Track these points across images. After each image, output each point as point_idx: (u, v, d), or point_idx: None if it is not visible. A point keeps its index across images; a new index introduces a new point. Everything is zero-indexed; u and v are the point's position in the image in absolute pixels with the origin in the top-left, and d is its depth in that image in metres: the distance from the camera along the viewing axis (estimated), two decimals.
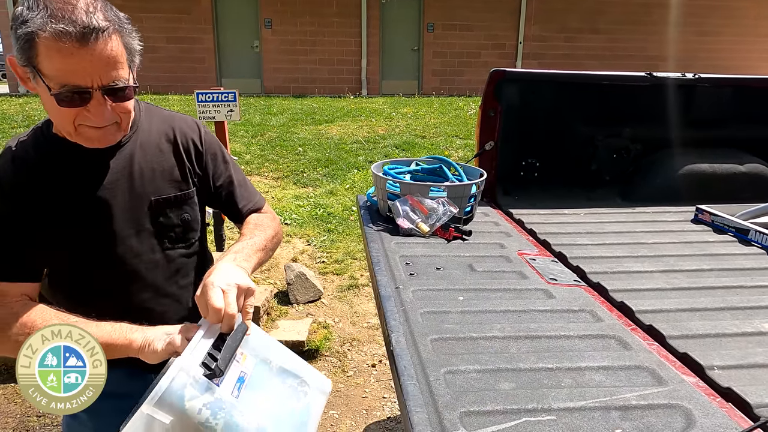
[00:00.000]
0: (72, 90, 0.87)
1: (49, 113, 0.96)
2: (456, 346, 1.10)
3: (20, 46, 0.86)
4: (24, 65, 0.88)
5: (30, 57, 0.86)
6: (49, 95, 0.88)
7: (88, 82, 0.87)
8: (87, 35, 0.84)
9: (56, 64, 0.85)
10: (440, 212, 1.77)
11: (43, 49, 0.84)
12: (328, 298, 3.56)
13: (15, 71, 0.91)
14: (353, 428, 2.49)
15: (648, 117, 2.46)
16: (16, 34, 0.86)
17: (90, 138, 0.96)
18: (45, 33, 0.83)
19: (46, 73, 0.86)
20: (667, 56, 12.49)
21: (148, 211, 1.10)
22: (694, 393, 0.96)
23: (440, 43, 12.33)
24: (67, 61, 0.84)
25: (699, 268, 1.60)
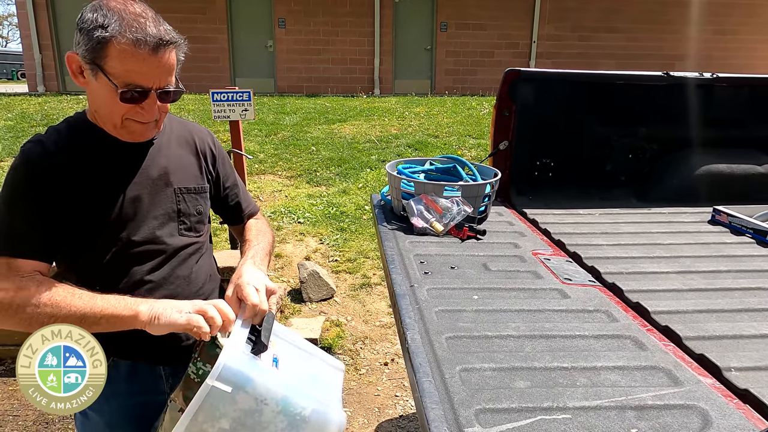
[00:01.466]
0: (136, 89, 1.01)
1: (99, 106, 1.06)
2: (471, 345, 1.11)
3: (91, 46, 0.97)
4: (88, 62, 1.00)
5: (97, 57, 0.98)
6: (106, 90, 1.00)
7: (150, 83, 1.02)
8: (159, 46, 0.99)
9: (128, 66, 0.98)
10: (454, 211, 1.78)
11: (115, 52, 0.97)
12: (341, 296, 3.58)
13: (70, 66, 1.03)
14: (365, 426, 2.51)
15: (664, 117, 2.44)
16: (88, 35, 0.97)
17: (133, 131, 1.09)
18: (123, 39, 0.96)
19: (112, 72, 0.99)
20: (684, 55, 12.33)
21: (172, 198, 1.19)
22: (710, 394, 0.95)
23: (453, 43, 12.29)
24: (139, 65, 0.99)
25: (716, 269, 1.59)
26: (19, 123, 7.36)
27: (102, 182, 1.10)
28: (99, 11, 0.99)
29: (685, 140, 2.43)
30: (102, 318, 0.97)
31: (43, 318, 0.95)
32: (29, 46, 11.47)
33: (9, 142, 6.37)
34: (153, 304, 1.00)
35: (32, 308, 0.96)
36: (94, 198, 1.09)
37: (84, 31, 0.98)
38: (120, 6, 1.00)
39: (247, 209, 1.40)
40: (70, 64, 1.03)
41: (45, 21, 11.40)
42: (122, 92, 1.00)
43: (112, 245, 1.11)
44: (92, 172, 1.09)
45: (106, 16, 0.97)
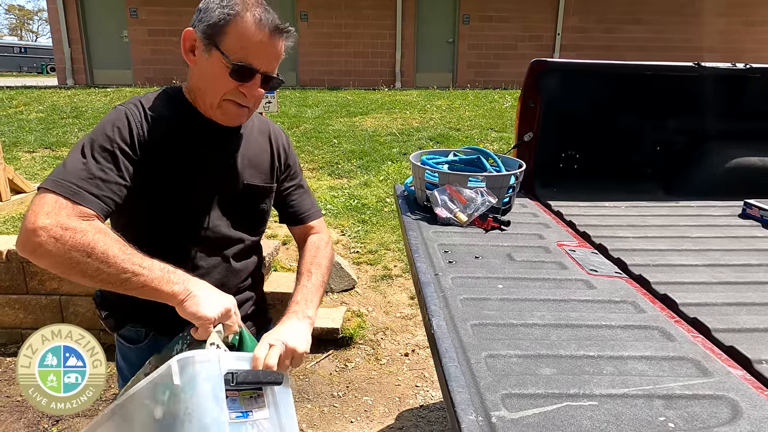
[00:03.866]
0: (247, 67, 1.05)
1: (204, 83, 1.10)
2: (496, 332, 1.11)
3: (214, 22, 1.04)
4: (204, 38, 1.05)
5: (216, 33, 1.04)
6: (217, 67, 1.05)
7: (260, 65, 1.06)
8: (278, 31, 1.05)
9: (244, 44, 1.04)
10: (478, 202, 1.78)
11: (235, 30, 1.03)
12: (362, 287, 3.60)
13: (184, 43, 1.09)
14: (386, 414, 2.53)
15: (694, 108, 2.39)
16: (213, 13, 1.04)
17: (228, 112, 1.11)
18: (246, 19, 1.03)
19: (227, 49, 1.04)
20: (713, 47, 11.98)
21: (238, 192, 1.21)
22: (741, 385, 0.94)
23: (476, 35, 12.18)
24: (255, 45, 1.04)
25: (747, 262, 1.56)
26: (50, 115, 7.55)
27: (184, 158, 1.13)
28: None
29: (716, 132, 2.38)
30: (144, 287, 0.94)
31: (89, 269, 0.90)
32: (59, 41, 11.74)
33: (41, 134, 6.54)
34: (191, 289, 0.97)
35: (82, 255, 0.89)
36: (173, 170, 1.11)
37: (207, 10, 1.05)
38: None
39: (309, 212, 1.36)
40: (185, 41, 1.08)
41: (74, 16, 11.65)
42: (234, 66, 1.04)
43: (173, 220, 1.15)
44: (178, 145, 1.12)
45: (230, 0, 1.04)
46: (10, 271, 2.98)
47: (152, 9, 11.64)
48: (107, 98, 8.88)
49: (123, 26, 11.86)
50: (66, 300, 3.00)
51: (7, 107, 8.13)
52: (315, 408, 2.56)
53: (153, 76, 11.47)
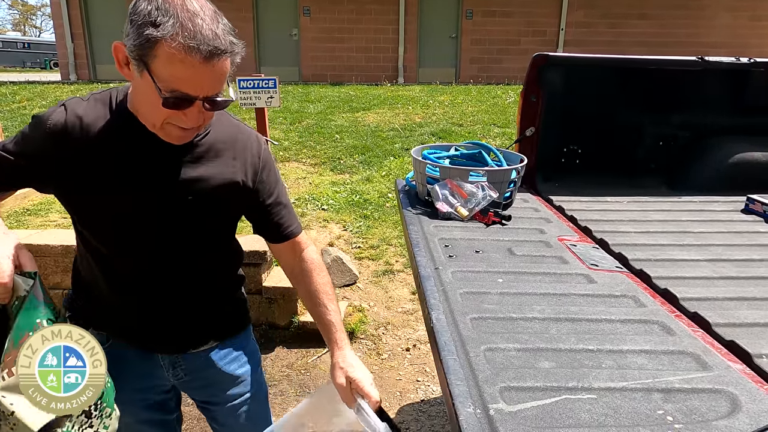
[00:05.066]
0: (181, 97, 0.91)
1: (141, 103, 0.99)
2: (495, 326, 1.11)
3: (139, 43, 0.88)
4: (135, 59, 0.91)
5: (145, 55, 0.89)
6: (149, 91, 0.92)
7: (197, 92, 0.92)
8: (213, 55, 0.89)
9: (175, 72, 0.89)
10: (479, 197, 1.77)
11: (164, 55, 0.87)
12: (364, 282, 3.60)
13: (116, 56, 0.95)
14: (387, 409, 2.52)
15: (698, 103, 2.37)
16: (138, 30, 0.88)
17: (172, 135, 1.00)
18: (174, 43, 0.86)
19: (158, 74, 0.90)
20: (719, 43, 11.91)
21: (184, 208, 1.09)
22: (740, 379, 0.94)
23: (479, 30, 12.12)
24: (187, 72, 0.89)
25: (748, 258, 1.55)
26: None
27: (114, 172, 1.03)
28: (154, 2, 0.88)
29: (719, 127, 2.37)
30: None
31: None
32: (62, 36, 11.74)
33: None
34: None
35: None
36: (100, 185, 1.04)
37: (134, 24, 0.89)
38: (178, 1, 0.88)
39: (288, 229, 1.22)
40: (117, 54, 0.95)
41: (77, 11, 11.65)
42: (165, 98, 0.91)
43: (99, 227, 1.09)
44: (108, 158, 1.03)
45: (160, 11, 0.87)
46: None
47: None
48: None
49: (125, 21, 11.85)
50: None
51: (11, 102, 8.15)
52: None
53: None
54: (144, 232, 1.09)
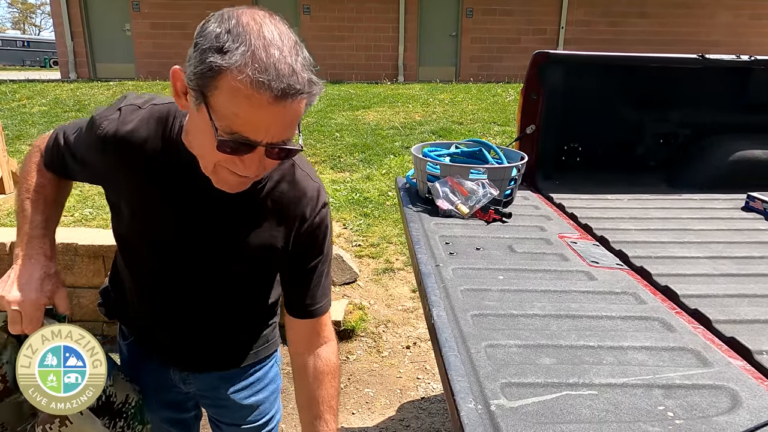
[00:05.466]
0: (240, 141, 0.76)
1: (195, 139, 0.86)
2: (496, 322, 1.11)
3: (201, 71, 0.74)
4: (193, 89, 0.76)
5: (205, 86, 0.74)
6: (205, 128, 0.77)
7: (261, 137, 0.76)
8: (286, 95, 0.73)
9: (237, 111, 0.73)
10: (480, 194, 1.77)
11: (228, 88, 0.72)
12: (364, 280, 3.60)
13: (174, 83, 0.81)
14: (387, 406, 2.54)
15: (698, 101, 2.38)
16: (202, 56, 0.74)
17: (224, 181, 0.85)
18: (241, 75, 0.71)
19: (217, 110, 0.74)
20: (720, 41, 11.90)
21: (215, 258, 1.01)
22: (740, 375, 0.94)
23: (479, 29, 12.11)
24: (252, 112, 0.73)
25: (749, 255, 1.56)
26: (52, 108, 7.56)
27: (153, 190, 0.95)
28: (225, 25, 0.74)
29: (720, 125, 2.37)
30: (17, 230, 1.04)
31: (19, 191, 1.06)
32: (61, 34, 11.73)
33: (43, 127, 6.55)
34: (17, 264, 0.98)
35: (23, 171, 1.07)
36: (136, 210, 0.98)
37: (199, 48, 0.75)
38: (254, 26, 0.74)
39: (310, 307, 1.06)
40: (174, 81, 0.81)
41: (77, 9, 11.64)
42: (221, 141, 0.75)
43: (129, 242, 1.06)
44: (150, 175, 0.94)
45: (230, 35, 0.73)
46: None
47: (154, 2, 11.61)
48: (110, 92, 8.88)
49: (125, 20, 11.85)
50: (70, 292, 2.98)
51: (10, 101, 8.14)
52: None
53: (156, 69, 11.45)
54: (171, 267, 1.03)
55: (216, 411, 1.28)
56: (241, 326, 1.18)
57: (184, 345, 1.15)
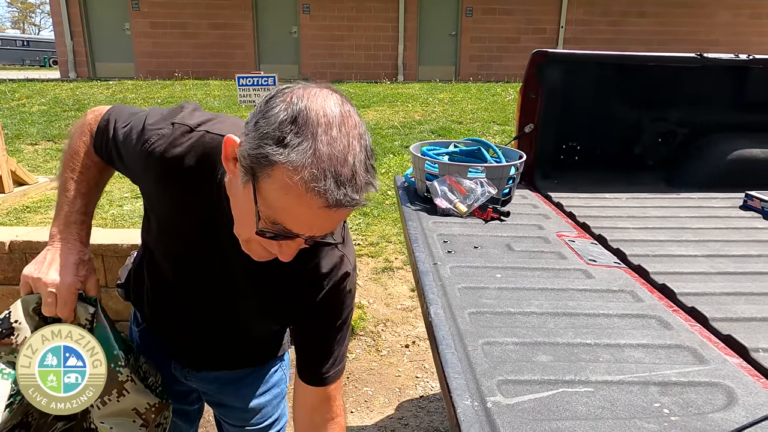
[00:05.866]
0: (282, 233, 0.73)
1: (236, 208, 0.81)
2: (493, 320, 1.12)
3: (256, 155, 0.68)
4: (244, 167, 0.71)
5: (257, 170, 0.69)
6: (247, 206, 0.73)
7: (304, 231, 0.73)
8: (340, 205, 0.68)
9: (286, 206, 0.69)
10: (478, 193, 1.78)
11: (281, 182, 0.67)
12: (363, 279, 3.61)
13: (225, 148, 0.75)
14: (386, 405, 2.54)
15: (697, 100, 2.38)
16: (260, 140, 0.68)
17: (253, 252, 0.82)
18: (298, 177, 0.65)
19: (265, 197, 0.70)
20: (719, 41, 11.91)
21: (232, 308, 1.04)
22: (737, 373, 0.95)
23: (479, 28, 12.11)
24: (302, 211, 0.69)
25: (746, 253, 1.56)
26: (52, 108, 7.56)
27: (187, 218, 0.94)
28: (291, 110, 0.68)
29: (718, 124, 2.37)
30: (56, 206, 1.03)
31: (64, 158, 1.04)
32: (61, 33, 11.73)
33: (43, 126, 6.55)
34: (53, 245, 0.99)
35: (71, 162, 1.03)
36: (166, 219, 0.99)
37: (259, 129, 0.68)
38: (324, 121, 0.67)
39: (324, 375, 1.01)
40: (226, 147, 0.75)
41: (76, 9, 11.64)
42: (261, 230, 0.73)
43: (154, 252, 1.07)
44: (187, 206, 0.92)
45: (295, 125, 0.67)
46: (12, 262, 3.00)
47: (154, 1, 11.61)
48: (109, 91, 8.88)
49: (125, 19, 11.85)
50: None
51: (10, 100, 8.14)
52: None
53: (155, 69, 11.47)
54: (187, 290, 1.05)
55: (219, 410, 1.29)
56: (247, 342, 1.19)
57: (187, 347, 1.16)
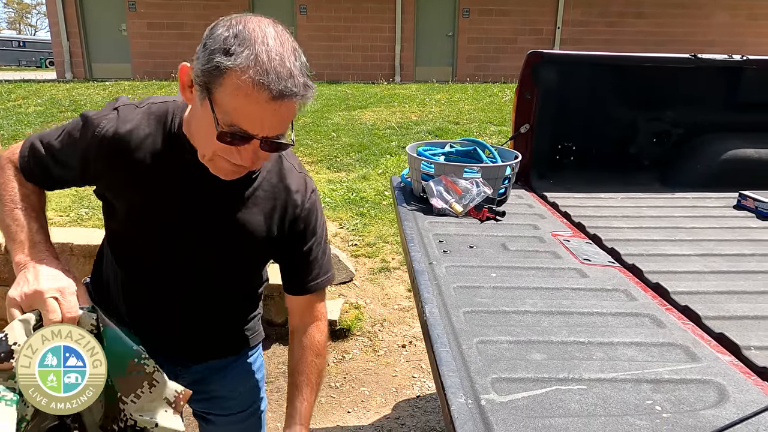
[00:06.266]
0: (239, 133, 0.85)
1: (196, 131, 0.95)
2: (488, 319, 1.12)
3: (208, 69, 0.83)
4: (199, 84, 0.86)
5: (210, 82, 0.84)
6: (207, 121, 0.86)
7: (257, 130, 0.85)
8: (283, 95, 0.82)
9: (238, 106, 0.83)
10: (474, 193, 1.78)
11: (231, 86, 0.82)
12: (360, 279, 3.61)
13: (181, 77, 0.90)
14: (383, 405, 2.55)
15: (691, 100, 2.39)
16: (210, 55, 0.83)
17: (220, 169, 0.94)
18: (245, 76, 0.80)
19: (220, 104, 0.84)
20: (716, 41, 11.95)
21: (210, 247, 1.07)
22: (728, 370, 0.96)
23: (475, 29, 12.13)
24: (252, 108, 0.83)
25: (740, 252, 1.57)
26: (48, 109, 7.54)
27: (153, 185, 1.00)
28: (233, 29, 0.83)
29: (712, 124, 2.39)
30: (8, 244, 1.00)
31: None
32: (57, 34, 11.70)
33: (39, 127, 6.54)
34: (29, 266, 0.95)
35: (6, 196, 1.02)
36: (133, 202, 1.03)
37: (207, 48, 0.84)
38: (259, 32, 0.84)
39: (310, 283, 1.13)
40: (181, 75, 0.90)
41: (72, 9, 11.61)
42: (221, 132, 0.85)
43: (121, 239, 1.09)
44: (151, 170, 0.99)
45: (237, 39, 0.82)
46: (9, 263, 3.00)
47: (151, 2, 11.60)
48: (106, 92, 8.86)
49: (121, 20, 11.82)
50: None
51: (6, 101, 8.12)
52: None
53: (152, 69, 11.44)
54: (167, 254, 1.07)
55: (204, 404, 1.31)
56: (228, 316, 1.22)
57: (171, 338, 1.17)
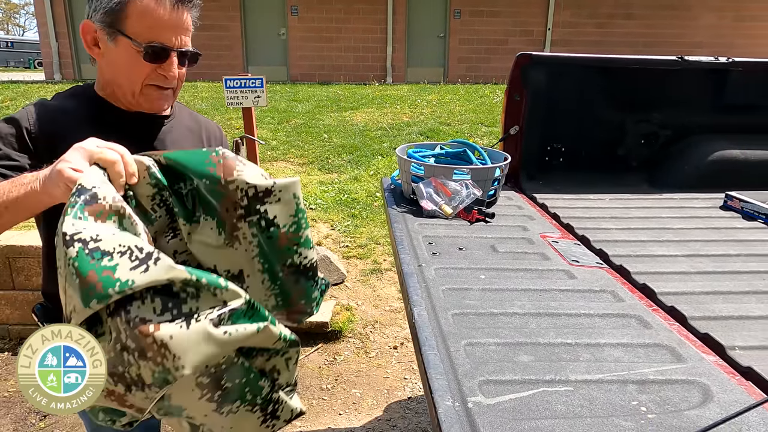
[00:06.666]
0: (159, 46, 1.02)
1: (118, 73, 1.07)
2: (476, 321, 1.13)
3: (109, 9, 0.99)
4: (106, 27, 1.01)
5: (116, 20, 1.00)
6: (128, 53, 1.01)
7: (172, 42, 1.03)
8: (180, 3, 1.01)
9: (149, 23, 1.00)
10: (463, 194, 1.79)
11: (135, 11, 0.99)
12: (352, 281, 3.61)
13: (85, 36, 1.04)
14: (374, 406, 2.55)
15: (678, 102, 2.42)
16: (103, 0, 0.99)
17: (151, 98, 1.09)
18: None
19: (133, 32, 1.00)
20: (704, 43, 12.09)
21: None
22: (713, 370, 0.96)
23: (467, 30, 12.18)
24: (160, 21, 1.00)
25: (725, 253, 1.59)
26: None
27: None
28: None
29: (699, 126, 2.41)
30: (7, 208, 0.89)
31: None
32: (46, 35, 11.60)
33: None
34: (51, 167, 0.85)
35: None
36: None
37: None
38: None
39: None
40: (85, 35, 1.04)
41: (61, 9, 11.52)
42: (146, 48, 1.01)
43: None
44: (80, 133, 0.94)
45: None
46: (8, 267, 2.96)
47: None
48: None
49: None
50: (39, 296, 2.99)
51: None
52: (304, 401, 2.58)
53: None
54: None
55: None
56: None
57: None
